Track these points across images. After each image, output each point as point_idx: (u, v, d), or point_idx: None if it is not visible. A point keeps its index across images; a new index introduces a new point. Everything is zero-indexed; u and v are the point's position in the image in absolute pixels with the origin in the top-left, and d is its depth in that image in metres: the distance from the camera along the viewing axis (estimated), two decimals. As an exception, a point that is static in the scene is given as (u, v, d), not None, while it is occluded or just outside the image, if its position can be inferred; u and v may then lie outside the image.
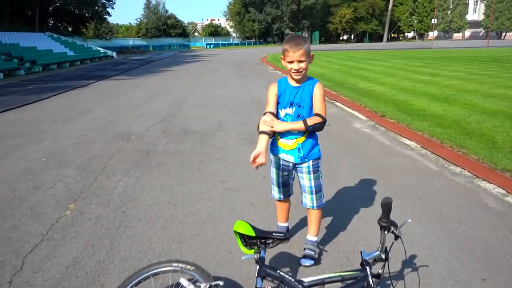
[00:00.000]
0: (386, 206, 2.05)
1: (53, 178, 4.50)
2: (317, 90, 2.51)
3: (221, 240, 3.11)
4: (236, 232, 2.35)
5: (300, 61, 2.44)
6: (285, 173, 2.77)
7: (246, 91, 11.76)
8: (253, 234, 2.31)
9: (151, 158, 5.28)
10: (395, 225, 2.08)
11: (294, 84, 2.57)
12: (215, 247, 3.01)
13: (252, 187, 4.21)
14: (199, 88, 13.22)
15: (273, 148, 2.72)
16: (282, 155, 2.68)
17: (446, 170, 4.68)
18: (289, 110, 2.58)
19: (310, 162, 2.64)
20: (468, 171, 4.58)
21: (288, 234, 3.12)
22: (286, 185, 2.83)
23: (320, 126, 2.50)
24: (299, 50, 2.41)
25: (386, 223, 2.08)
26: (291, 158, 2.65)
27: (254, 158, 2.33)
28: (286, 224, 3.08)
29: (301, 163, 2.65)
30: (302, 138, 2.57)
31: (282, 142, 2.64)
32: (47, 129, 7.10)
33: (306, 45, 2.42)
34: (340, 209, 3.63)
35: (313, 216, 2.79)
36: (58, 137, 6.48)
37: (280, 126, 2.49)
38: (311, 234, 2.83)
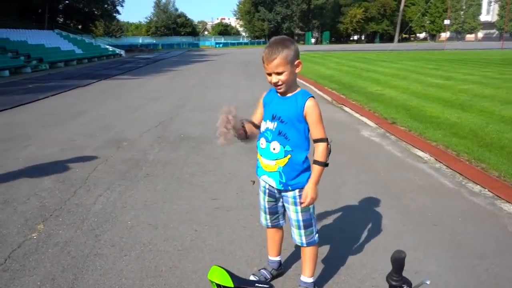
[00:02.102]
0: (398, 262, 1.59)
1: (28, 192, 4.09)
2: (311, 110, 2.07)
3: (202, 275, 2.66)
4: (211, 281, 1.93)
5: (277, 73, 2.01)
6: (272, 199, 2.32)
7: (250, 93, 11.31)
8: (231, 284, 1.87)
9: (140, 168, 4.85)
10: (409, 284, 1.63)
11: (282, 94, 2.14)
12: (194, 284, 2.57)
13: (246, 206, 3.75)
14: (202, 89, 12.81)
15: (257, 168, 2.30)
16: (264, 178, 2.25)
17: (463, 188, 4.19)
18: (270, 125, 2.16)
19: (297, 192, 2.17)
20: (489, 191, 4.08)
21: (282, 268, 2.66)
22: (273, 212, 2.38)
23: (329, 151, 2.11)
24: (273, 60, 1.98)
25: (398, 282, 1.62)
26: (272, 182, 2.21)
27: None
28: (277, 258, 2.61)
29: (285, 191, 2.21)
30: (284, 160, 2.12)
31: (263, 162, 2.21)
32: (35, 133, 6.71)
33: (285, 52, 1.98)
34: (342, 237, 3.16)
35: (306, 254, 2.34)
36: (45, 143, 6.09)
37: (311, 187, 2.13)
38: (305, 275, 2.37)
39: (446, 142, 5.76)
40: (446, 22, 50.19)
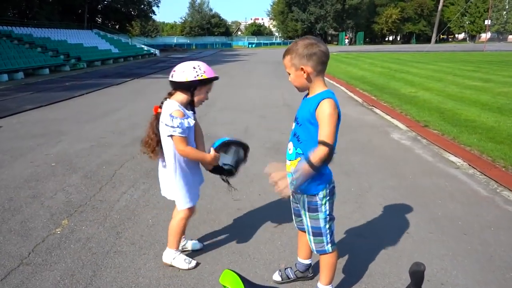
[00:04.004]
0: (417, 275, 1.50)
1: (56, 187, 4.19)
2: (321, 109, 1.90)
3: (219, 277, 2.63)
4: (223, 285, 1.90)
5: (288, 73, 2.04)
6: (294, 200, 2.29)
7: (280, 94, 11.25)
8: (242, 289, 1.84)
9: (165, 167, 4.88)
10: (428, 299, 1.54)
11: (306, 96, 2.10)
12: (210, 286, 2.54)
13: (268, 208, 3.71)
14: (231, 89, 12.83)
15: None
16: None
17: (498, 196, 3.97)
18: (293, 125, 2.14)
19: (305, 197, 2.10)
20: (526, 200, 3.86)
21: (310, 273, 2.56)
22: (297, 215, 2.33)
23: (326, 158, 1.90)
24: (283, 59, 2.05)
25: (416, 296, 1.53)
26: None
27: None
28: (305, 262, 2.52)
29: (297, 193, 2.16)
30: (295, 162, 2.05)
31: (286, 162, 2.16)
32: (68, 130, 6.92)
33: (289, 56, 1.99)
34: (364, 244, 3.05)
35: (321, 262, 2.27)
36: (76, 139, 6.26)
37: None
38: (321, 282, 2.30)
39: (482, 147, 5.50)
40: (487, 22, 48.32)
